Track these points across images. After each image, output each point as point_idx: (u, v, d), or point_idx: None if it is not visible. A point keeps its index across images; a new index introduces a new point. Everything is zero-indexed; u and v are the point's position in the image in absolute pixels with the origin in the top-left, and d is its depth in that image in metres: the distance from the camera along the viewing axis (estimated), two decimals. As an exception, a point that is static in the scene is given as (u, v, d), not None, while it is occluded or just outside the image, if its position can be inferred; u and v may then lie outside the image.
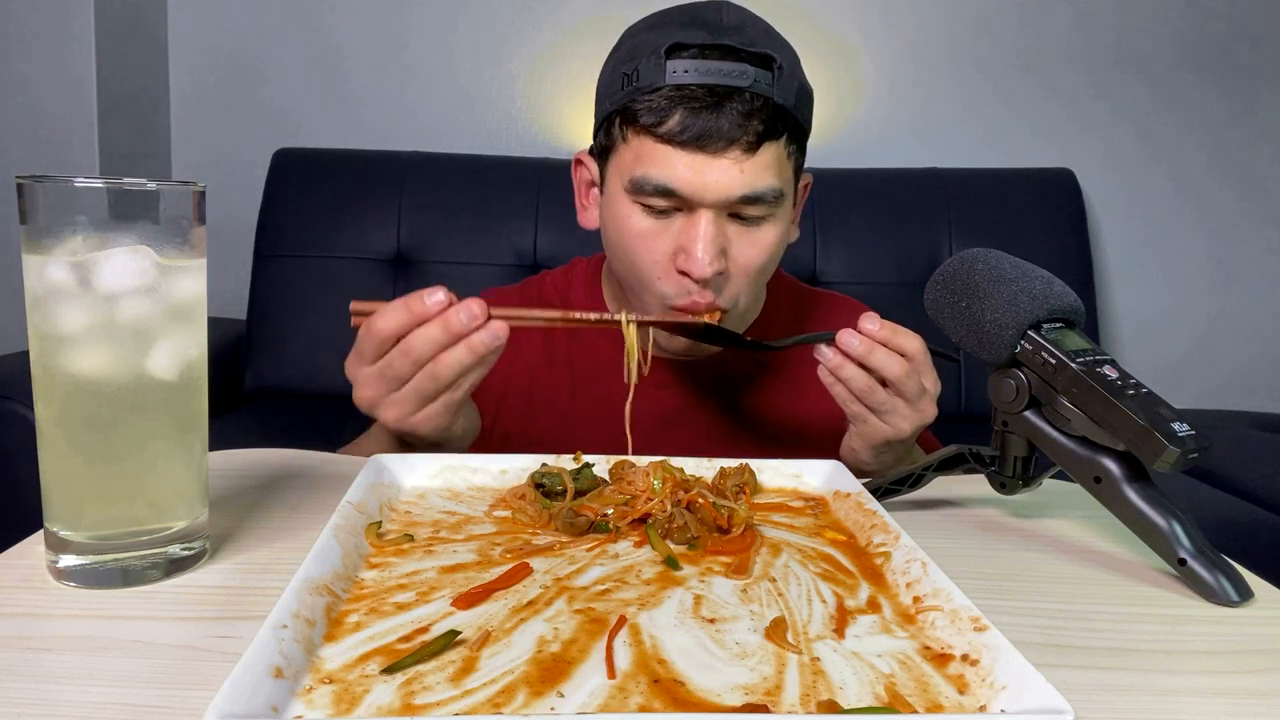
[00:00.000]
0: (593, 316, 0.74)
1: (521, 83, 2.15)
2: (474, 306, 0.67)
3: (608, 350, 0.96)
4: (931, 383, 0.77)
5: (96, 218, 0.47)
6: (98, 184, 0.47)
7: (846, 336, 0.74)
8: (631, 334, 0.75)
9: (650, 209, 0.84)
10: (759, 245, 0.85)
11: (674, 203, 0.82)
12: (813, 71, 0.89)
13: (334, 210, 1.92)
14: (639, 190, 0.83)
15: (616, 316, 0.75)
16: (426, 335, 0.67)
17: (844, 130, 2.15)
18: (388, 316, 0.67)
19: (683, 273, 0.83)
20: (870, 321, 0.74)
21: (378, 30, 2.12)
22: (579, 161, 0.95)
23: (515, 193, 1.93)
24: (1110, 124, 2.18)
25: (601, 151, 0.89)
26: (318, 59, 2.13)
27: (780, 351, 0.86)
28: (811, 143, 0.93)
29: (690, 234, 0.82)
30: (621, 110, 0.84)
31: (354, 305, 0.70)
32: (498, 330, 0.67)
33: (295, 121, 2.13)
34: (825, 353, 0.75)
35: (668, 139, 0.80)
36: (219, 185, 1.85)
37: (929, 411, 0.77)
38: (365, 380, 0.70)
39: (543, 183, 1.92)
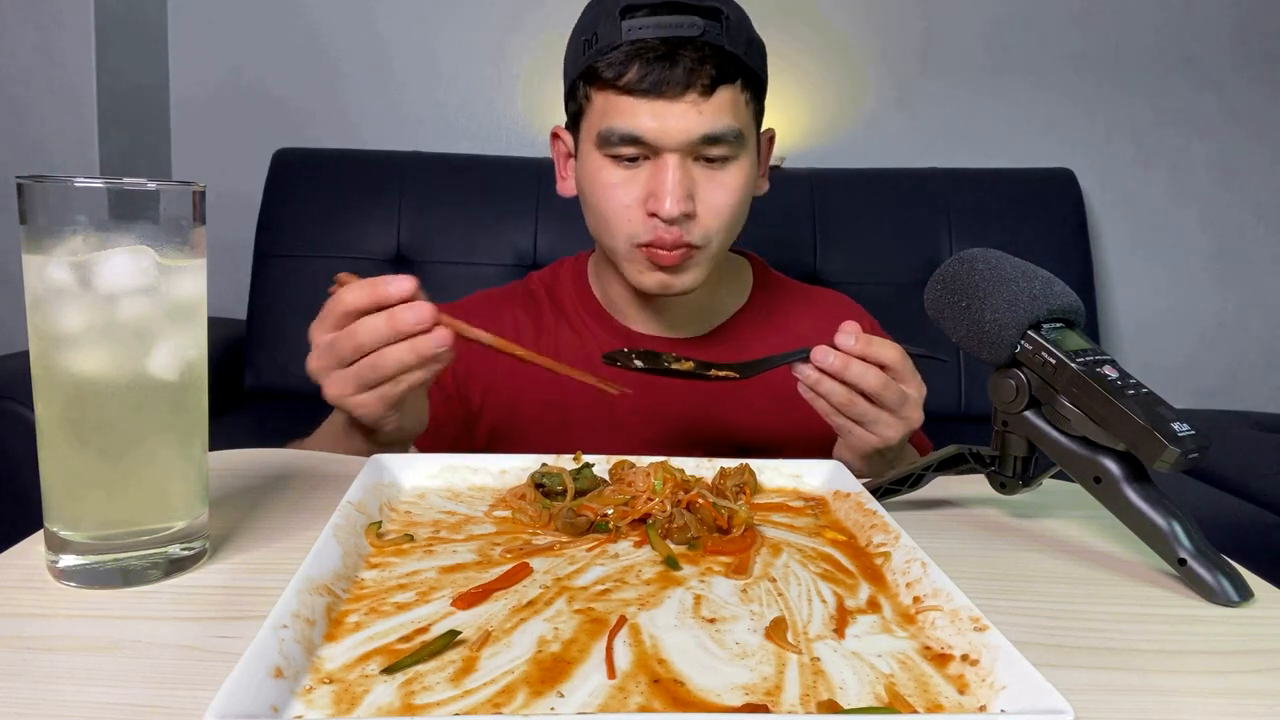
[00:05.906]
0: (549, 361, 0.71)
1: (521, 83, 2.15)
2: (423, 310, 0.65)
3: (598, 336, 0.99)
4: (915, 389, 0.77)
5: (96, 218, 0.47)
6: (98, 184, 0.47)
7: (821, 353, 0.74)
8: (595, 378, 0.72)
9: (619, 160, 0.88)
10: (726, 186, 0.89)
11: (640, 150, 0.87)
12: (814, 71, 0.90)
13: (334, 210, 1.92)
14: (607, 142, 0.87)
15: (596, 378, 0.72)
16: (372, 324, 0.65)
17: (844, 130, 2.15)
18: (354, 293, 0.66)
19: (653, 214, 0.87)
20: (846, 335, 0.74)
21: (378, 30, 2.13)
22: (556, 135, 1.00)
23: (515, 193, 1.93)
24: (1110, 124, 2.18)
25: (573, 119, 0.94)
26: (318, 59, 2.13)
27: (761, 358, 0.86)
28: (812, 143, 0.93)
29: (658, 178, 0.86)
30: (585, 73, 0.89)
31: (339, 276, 0.69)
32: (441, 337, 0.65)
33: (295, 121, 2.13)
34: (803, 370, 0.76)
35: (628, 89, 0.85)
36: (219, 185, 1.85)
37: (914, 417, 0.77)
38: (317, 349, 0.69)
39: (543, 183, 1.92)
